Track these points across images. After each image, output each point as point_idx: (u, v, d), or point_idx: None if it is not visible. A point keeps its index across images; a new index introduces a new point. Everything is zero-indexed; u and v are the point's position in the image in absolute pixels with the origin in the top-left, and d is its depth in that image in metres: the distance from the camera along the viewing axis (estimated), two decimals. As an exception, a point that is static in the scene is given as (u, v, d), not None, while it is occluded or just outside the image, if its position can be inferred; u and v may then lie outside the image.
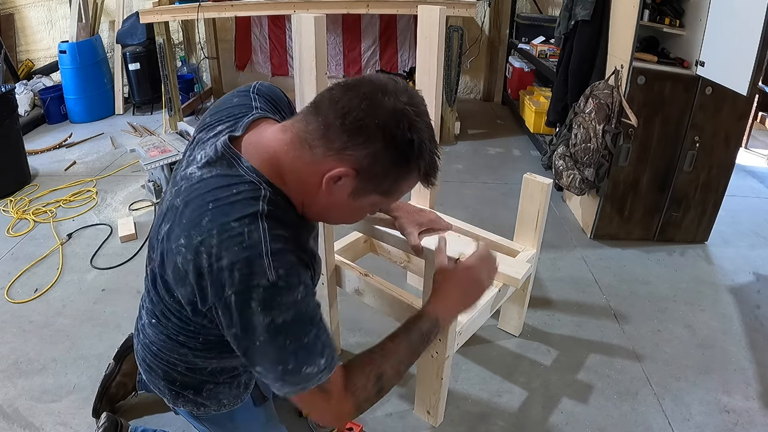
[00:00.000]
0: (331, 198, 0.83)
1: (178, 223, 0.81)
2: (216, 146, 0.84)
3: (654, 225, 2.46)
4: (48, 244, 2.43)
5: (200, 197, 0.80)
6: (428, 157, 0.82)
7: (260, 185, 0.81)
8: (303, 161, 0.81)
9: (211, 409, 1.11)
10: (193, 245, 0.77)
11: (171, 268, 0.82)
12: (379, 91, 0.77)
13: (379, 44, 4.47)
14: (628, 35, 2.13)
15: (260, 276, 0.75)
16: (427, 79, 1.36)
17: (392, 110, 0.76)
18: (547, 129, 3.42)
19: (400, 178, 0.83)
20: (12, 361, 1.75)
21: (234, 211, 0.78)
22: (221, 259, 0.75)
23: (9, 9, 4.35)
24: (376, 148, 0.78)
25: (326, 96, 0.80)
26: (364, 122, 0.76)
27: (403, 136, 0.77)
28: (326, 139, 0.78)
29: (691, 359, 1.79)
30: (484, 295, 1.07)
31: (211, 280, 0.76)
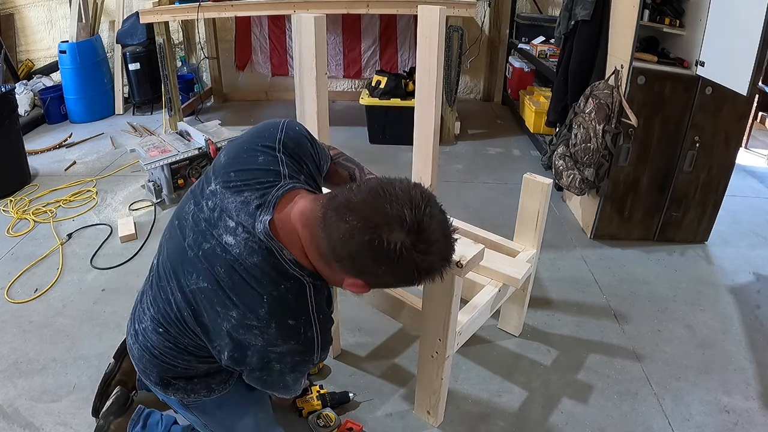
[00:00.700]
0: (350, 287, 0.92)
1: (226, 297, 0.89)
2: (256, 230, 0.88)
3: (654, 225, 2.46)
4: (48, 244, 2.43)
5: (249, 286, 0.88)
6: (436, 272, 0.88)
7: (303, 279, 0.90)
8: (324, 268, 0.90)
9: (201, 394, 1.14)
10: (248, 326, 0.89)
11: (212, 323, 0.92)
12: (384, 232, 0.78)
13: (379, 44, 4.46)
14: (628, 35, 2.13)
15: (309, 362, 0.97)
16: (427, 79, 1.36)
17: (397, 254, 0.79)
18: (547, 129, 3.41)
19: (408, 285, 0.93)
20: (12, 361, 1.75)
21: (290, 309, 0.90)
22: (277, 347, 0.91)
23: (9, 9, 4.35)
24: (387, 279, 0.87)
25: (335, 224, 0.82)
26: (373, 264, 0.83)
27: (411, 275, 0.84)
28: (341, 266, 0.86)
29: (691, 359, 1.79)
30: None
31: (259, 354, 0.92)
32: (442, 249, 0.86)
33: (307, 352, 0.93)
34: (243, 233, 0.88)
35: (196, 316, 0.94)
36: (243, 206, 0.90)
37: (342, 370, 1.72)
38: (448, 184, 3.03)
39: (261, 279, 0.88)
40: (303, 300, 0.90)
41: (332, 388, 1.61)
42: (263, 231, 0.87)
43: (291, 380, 1.02)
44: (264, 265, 0.88)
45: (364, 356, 1.78)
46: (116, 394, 1.44)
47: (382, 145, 3.62)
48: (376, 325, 1.91)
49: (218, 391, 1.15)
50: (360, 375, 1.71)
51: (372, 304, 1.58)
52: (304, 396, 1.54)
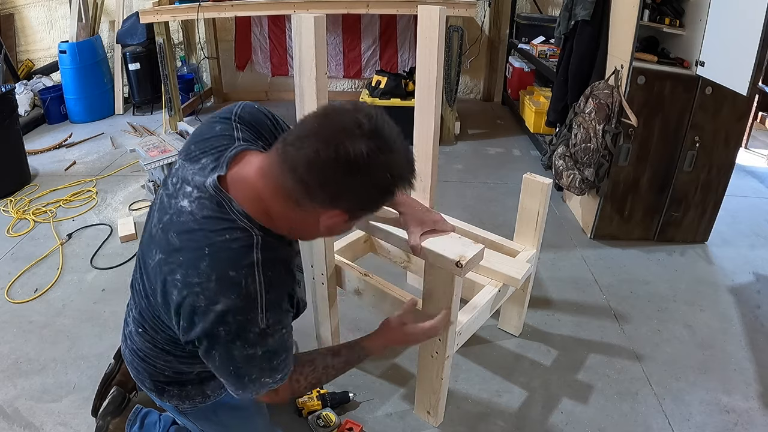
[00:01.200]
0: (329, 231, 0.91)
1: (173, 258, 0.86)
2: (206, 185, 0.88)
3: (654, 225, 2.46)
4: (48, 244, 2.43)
5: (195, 238, 0.85)
6: (407, 176, 0.87)
7: (252, 231, 0.86)
8: (294, 213, 0.86)
9: (197, 401, 1.14)
10: (190, 284, 0.84)
11: (163, 297, 0.89)
12: (347, 141, 0.78)
13: (379, 44, 4.46)
14: (628, 35, 2.13)
15: (253, 324, 0.84)
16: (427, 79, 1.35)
17: (365, 158, 0.79)
18: (547, 129, 3.42)
19: (385, 201, 0.90)
20: (12, 361, 1.75)
21: (231, 259, 0.84)
22: (217, 303, 0.83)
23: (9, 9, 4.35)
24: (361, 194, 0.84)
25: (296, 155, 0.81)
26: (344, 181, 0.81)
27: (385, 180, 0.83)
28: (311, 197, 0.83)
29: (691, 359, 1.79)
30: None
31: (204, 317, 0.83)
32: (403, 148, 0.86)
33: (248, 309, 0.83)
34: (196, 193, 0.88)
35: (155, 295, 0.92)
36: (199, 171, 0.91)
37: (342, 370, 1.72)
38: (448, 184, 3.03)
39: (206, 229, 0.85)
40: (248, 251, 0.85)
41: (332, 389, 1.61)
42: (212, 184, 0.87)
43: (240, 357, 0.86)
44: (212, 216, 0.86)
45: (364, 356, 1.78)
46: (113, 394, 1.44)
47: (382, 145, 3.61)
48: (376, 325, 1.89)
49: (213, 397, 1.15)
50: (360, 375, 1.71)
51: (372, 304, 1.58)
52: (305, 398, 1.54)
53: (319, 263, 1.59)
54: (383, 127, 0.82)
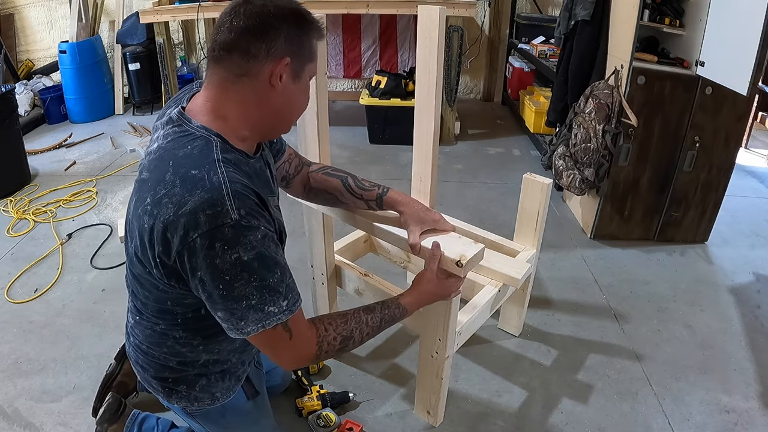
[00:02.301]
0: (285, 93, 0.92)
1: (143, 189, 0.87)
2: (170, 117, 0.93)
3: (654, 225, 2.46)
4: (48, 244, 2.43)
5: (161, 160, 0.88)
6: (310, 17, 0.93)
7: (210, 137, 0.89)
8: (242, 91, 0.90)
9: (205, 403, 1.13)
10: (157, 199, 0.83)
11: (139, 231, 0.88)
12: (245, 3, 0.87)
13: (379, 44, 4.47)
14: (628, 35, 2.13)
15: (224, 215, 0.80)
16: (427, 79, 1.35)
17: (266, 4, 0.87)
18: (547, 129, 3.42)
19: (311, 41, 0.94)
20: (12, 361, 1.75)
21: (192, 161, 0.85)
22: (185, 205, 0.81)
23: (9, 9, 4.35)
24: (286, 32, 0.88)
25: (215, 40, 0.89)
26: (264, 23, 0.86)
27: (292, 11, 0.89)
28: (248, 56, 0.87)
29: (691, 359, 1.79)
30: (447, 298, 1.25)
31: (176, 227, 0.81)
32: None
33: (215, 200, 0.80)
34: (162, 131, 0.93)
35: (136, 249, 0.90)
36: (165, 116, 0.96)
37: (342, 370, 1.72)
38: (448, 184, 3.03)
39: (169, 149, 0.88)
40: (208, 152, 0.86)
41: (332, 388, 1.61)
42: (176, 113, 0.92)
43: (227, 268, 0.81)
44: (174, 137, 0.90)
45: (364, 356, 1.78)
46: (108, 401, 1.42)
47: (382, 145, 3.62)
48: (376, 325, 1.91)
49: (222, 399, 1.14)
50: (360, 375, 1.71)
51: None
52: (304, 396, 1.54)
53: (319, 263, 1.59)
54: None
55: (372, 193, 1.26)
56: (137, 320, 1.07)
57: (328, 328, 1.00)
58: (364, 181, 1.28)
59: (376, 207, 1.28)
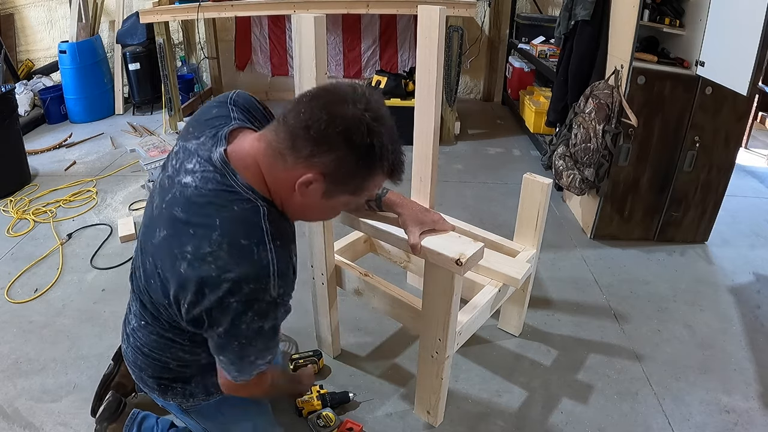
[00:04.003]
0: (305, 200, 0.90)
1: (182, 232, 0.87)
2: (211, 159, 0.90)
3: (654, 225, 2.46)
4: (48, 244, 2.43)
5: (204, 211, 0.88)
6: (391, 158, 0.89)
7: (257, 202, 0.90)
8: (277, 169, 0.89)
9: (200, 398, 1.15)
10: (201, 255, 0.85)
11: (171, 270, 0.88)
12: (339, 100, 0.84)
13: (379, 44, 4.47)
14: (628, 35, 2.13)
15: (265, 292, 0.86)
16: (427, 79, 1.35)
17: (351, 118, 0.83)
18: (547, 129, 3.42)
19: (366, 179, 0.90)
20: (12, 361, 1.75)
21: (242, 229, 0.87)
22: (230, 272, 0.84)
23: (9, 9, 4.35)
24: (340, 154, 0.84)
25: (292, 108, 0.86)
26: (326, 131, 0.82)
27: (363, 140, 0.83)
28: (294, 148, 0.85)
29: (691, 359, 1.79)
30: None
31: (216, 287, 0.84)
32: (392, 127, 0.89)
33: (261, 278, 0.85)
34: (200, 167, 0.91)
35: (160, 274, 0.92)
36: (200, 146, 0.94)
37: (342, 370, 1.72)
38: (448, 184, 3.03)
39: (214, 202, 0.88)
40: (256, 221, 0.88)
41: (332, 388, 1.61)
42: (219, 158, 0.90)
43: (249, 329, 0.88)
44: (218, 189, 0.89)
45: (364, 356, 1.78)
46: (108, 400, 1.43)
47: (382, 145, 3.61)
48: (376, 325, 1.91)
49: (216, 394, 1.15)
50: (360, 375, 1.71)
51: (372, 304, 1.58)
52: (304, 396, 1.54)
53: (319, 263, 1.59)
54: (377, 101, 0.86)
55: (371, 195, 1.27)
56: (142, 325, 1.07)
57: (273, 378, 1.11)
58: None
59: (375, 207, 1.29)
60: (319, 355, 1.71)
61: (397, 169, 0.92)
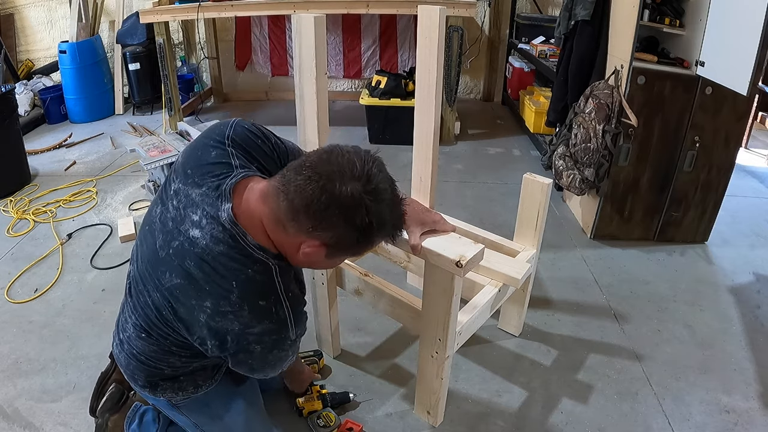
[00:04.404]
0: (309, 260, 0.96)
1: (198, 287, 0.92)
2: (219, 218, 0.92)
3: (654, 225, 2.46)
4: (48, 244, 2.43)
5: (219, 273, 0.91)
6: (390, 230, 0.96)
7: (269, 262, 0.94)
8: (281, 235, 0.93)
9: (189, 391, 1.16)
10: (222, 312, 0.92)
11: (189, 316, 0.94)
12: (338, 177, 0.86)
13: (379, 44, 4.47)
14: (628, 35, 2.13)
15: (286, 339, 1.00)
16: (427, 79, 1.35)
17: (350, 199, 0.86)
18: (547, 129, 3.41)
19: (366, 246, 0.97)
20: (12, 361, 1.75)
21: (259, 291, 0.94)
22: (253, 327, 0.93)
23: (9, 9, 4.35)
24: (341, 231, 0.89)
25: (294, 177, 0.89)
26: (326, 212, 0.87)
27: (362, 221, 0.88)
28: (296, 222, 0.89)
29: (691, 359, 1.79)
30: None
31: (239, 337, 0.94)
32: (392, 200, 0.92)
33: (281, 330, 0.97)
34: (207, 225, 0.93)
35: (176, 313, 0.96)
36: (204, 198, 0.94)
37: (342, 370, 1.72)
38: (448, 184, 3.03)
39: (228, 265, 0.91)
40: (270, 281, 0.94)
41: (332, 388, 1.61)
42: (228, 219, 0.92)
43: (273, 359, 1.03)
44: (230, 252, 0.91)
45: (364, 356, 1.78)
46: (111, 390, 1.43)
47: (382, 145, 3.61)
48: (376, 325, 1.91)
49: (205, 387, 1.18)
50: (360, 375, 1.71)
51: (372, 304, 1.58)
52: (305, 396, 1.54)
53: (319, 263, 1.59)
54: (377, 175, 0.88)
55: None
56: (142, 336, 1.08)
57: None
58: None
59: None
60: (319, 355, 1.71)
61: (396, 231, 0.99)
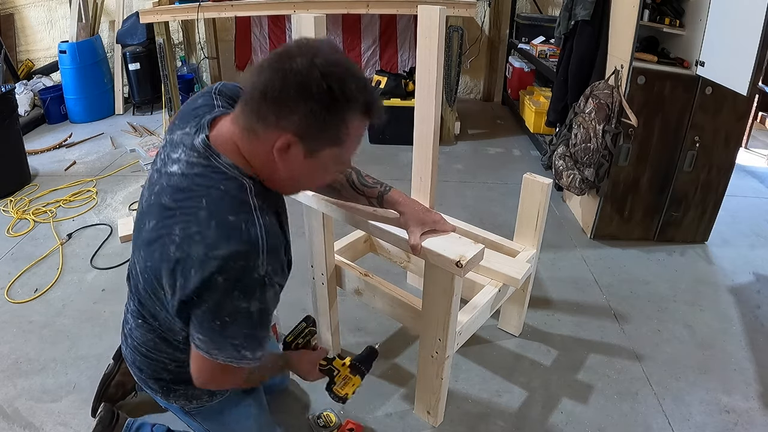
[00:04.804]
0: (290, 167, 0.89)
1: (170, 217, 0.87)
2: (194, 145, 0.91)
3: (654, 225, 2.46)
4: (48, 244, 2.43)
5: (191, 195, 0.87)
6: (359, 96, 0.84)
7: (242, 179, 0.89)
8: (254, 145, 0.88)
9: (203, 400, 1.14)
10: (188, 235, 0.84)
11: (161, 256, 0.88)
12: (286, 58, 0.82)
13: (379, 44, 4.47)
14: (628, 35, 2.13)
15: (253, 270, 0.84)
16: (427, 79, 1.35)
17: (301, 70, 0.80)
18: (547, 129, 3.42)
19: (341, 125, 0.86)
20: (12, 361, 1.75)
21: (229, 205, 0.86)
22: (218, 249, 0.82)
23: (9, 9, 4.35)
24: (305, 110, 0.82)
25: (249, 82, 0.86)
26: (282, 94, 0.81)
27: (320, 88, 0.80)
28: (260, 118, 0.85)
29: (691, 359, 1.79)
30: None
31: (203, 266, 0.83)
32: (347, 68, 0.84)
33: (249, 255, 0.84)
34: (184, 155, 0.91)
35: (150, 269, 0.91)
36: (184, 136, 0.94)
37: (342, 370, 1.72)
38: (448, 184, 3.03)
39: (200, 183, 0.88)
40: (243, 197, 0.87)
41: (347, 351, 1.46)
42: (201, 142, 0.90)
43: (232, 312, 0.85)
44: (203, 171, 0.88)
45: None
46: (101, 414, 1.41)
47: (382, 145, 3.62)
48: (376, 325, 1.91)
49: (219, 396, 1.16)
50: (360, 375, 1.71)
51: (372, 304, 1.58)
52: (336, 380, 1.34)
53: (319, 263, 1.59)
54: (325, 49, 0.84)
55: (373, 191, 1.26)
56: (139, 323, 1.07)
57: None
58: (368, 177, 1.27)
59: (376, 204, 1.28)
60: (311, 322, 1.40)
61: (371, 106, 0.87)
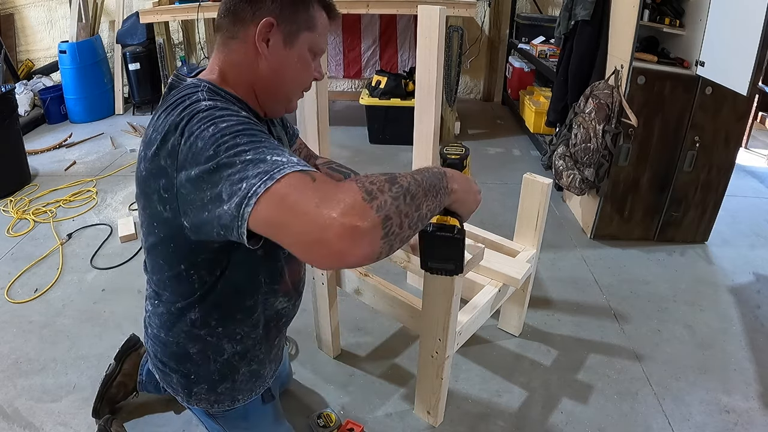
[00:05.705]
0: (272, 59, 0.91)
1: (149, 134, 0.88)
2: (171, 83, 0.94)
3: (654, 225, 2.46)
4: (48, 244, 2.43)
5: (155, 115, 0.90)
6: None
7: (200, 83, 0.89)
8: (234, 51, 0.92)
9: (226, 405, 1.13)
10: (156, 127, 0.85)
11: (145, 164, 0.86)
12: None
13: (379, 44, 4.47)
14: (628, 35, 2.13)
15: (198, 103, 0.82)
16: (427, 79, 1.36)
17: None
18: (547, 129, 3.42)
19: (310, 6, 0.93)
20: (12, 361, 1.75)
21: (180, 96, 0.86)
22: (171, 117, 0.82)
23: (9, 9, 4.35)
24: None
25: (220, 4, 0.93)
26: None
27: None
28: (237, 19, 0.90)
29: (691, 359, 1.79)
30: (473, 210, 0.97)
31: (166, 133, 0.81)
32: None
33: (192, 100, 0.83)
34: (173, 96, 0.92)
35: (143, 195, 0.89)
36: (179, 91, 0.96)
37: (342, 370, 1.72)
38: (448, 184, 3.02)
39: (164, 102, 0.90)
40: (195, 89, 0.87)
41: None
42: (172, 78, 0.94)
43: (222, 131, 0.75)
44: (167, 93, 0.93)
45: (364, 356, 1.78)
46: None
47: (382, 145, 3.62)
48: (376, 325, 1.91)
49: (242, 402, 1.15)
50: (360, 375, 1.71)
51: (372, 304, 1.58)
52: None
53: (319, 263, 1.59)
54: None
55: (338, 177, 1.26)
56: (155, 304, 1.05)
57: (374, 181, 0.71)
58: (340, 167, 1.28)
59: None
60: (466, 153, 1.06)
61: None
